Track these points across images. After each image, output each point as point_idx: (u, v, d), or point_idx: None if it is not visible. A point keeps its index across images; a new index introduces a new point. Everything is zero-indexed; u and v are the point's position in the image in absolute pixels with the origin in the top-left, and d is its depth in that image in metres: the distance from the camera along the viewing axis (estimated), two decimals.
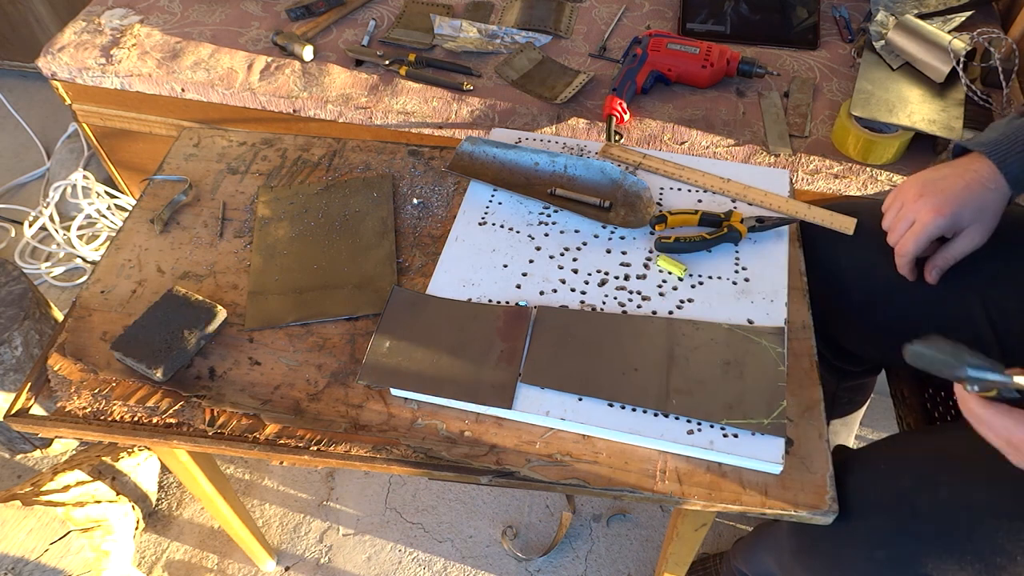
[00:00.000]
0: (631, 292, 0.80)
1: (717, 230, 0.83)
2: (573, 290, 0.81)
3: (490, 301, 0.80)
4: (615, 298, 0.80)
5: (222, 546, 1.30)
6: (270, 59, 1.30)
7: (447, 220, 0.90)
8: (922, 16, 1.23)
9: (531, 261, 0.84)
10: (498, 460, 0.70)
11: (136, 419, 0.74)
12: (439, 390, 0.72)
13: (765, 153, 1.13)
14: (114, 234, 0.98)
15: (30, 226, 1.73)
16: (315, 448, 0.71)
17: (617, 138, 1.14)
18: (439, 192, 0.94)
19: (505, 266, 0.84)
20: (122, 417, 0.74)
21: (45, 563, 1.06)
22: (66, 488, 1.16)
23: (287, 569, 1.27)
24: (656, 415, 0.70)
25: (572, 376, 0.73)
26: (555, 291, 0.81)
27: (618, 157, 0.95)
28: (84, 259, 1.70)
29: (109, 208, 1.70)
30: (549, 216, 0.89)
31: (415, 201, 0.93)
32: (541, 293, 0.81)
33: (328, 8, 1.38)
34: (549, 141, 0.98)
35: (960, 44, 1.12)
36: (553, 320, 0.77)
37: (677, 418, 0.70)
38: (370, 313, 0.81)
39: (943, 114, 1.10)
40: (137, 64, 1.31)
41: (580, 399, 0.71)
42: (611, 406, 0.71)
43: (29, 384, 0.77)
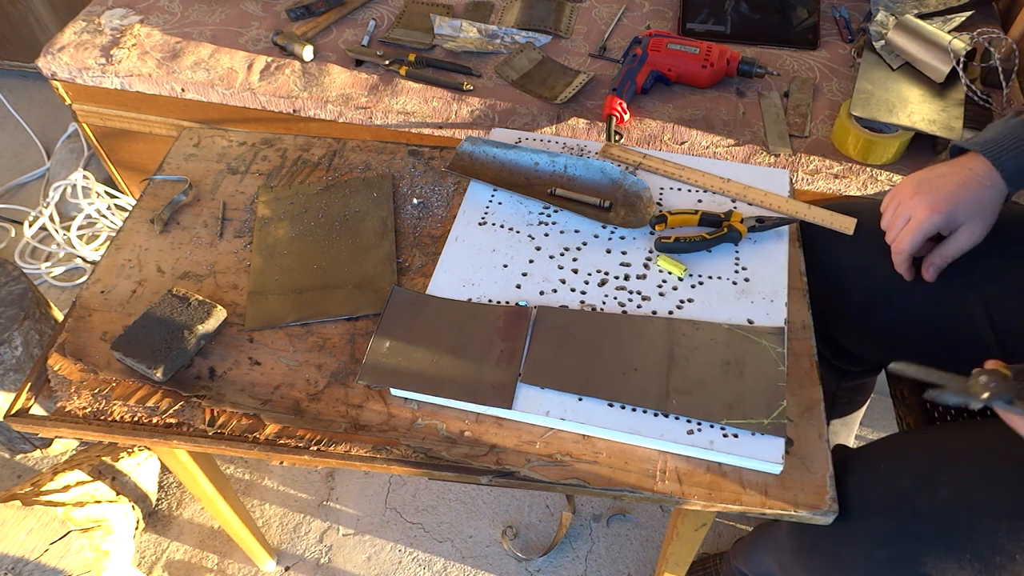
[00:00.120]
0: (631, 292, 0.80)
1: (717, 230, 0.83)
2: (573, 290, 0.81)
3: (490, 301, 0.80)
4: (615, 298, 0.80)
5: (222, 546, 1.30)
6: (270, 59, 1.30)
7: (447, 220, 0.90)
8: (922, 16, 1.23)
9: (531, 261, 0.84)
10: (498, 460, 0.70)
11: (136, 419, 0.74)
12: (439, 390, 0.72)
13: (765, 153, 1.13)
14: (114, 234, 0.98)
15: (30, 226, 1.73)
16: (315, 448, 0.71)
17: (617, 138, 1.14)
18: (439, 192, 0.94)
19: (505, 266, 0.84)
20: (122, 417, 0.74)
21: (45, 563, 1.06)
22: (66, 488, 1.16)
23: (287, 569, 1.27)
24: (656, 415, 0.70)
25: (572, 376, 0.73)
26: (555, 291, 0.81)
27: (618, 157, 0.95)
28: (84, 259, 1.70)
29: (109, 208, 1.70)
30: (549, 216, 0.89)
31: (415, 201, 0.93)
32: (541, 293, 0.81)
33: (328, 8, 1.38)
34: (549, 141, 0.98)
35: (960, 44, 1.12)
36: (553, 320, 0.77)
37: (677, 418, 0.70)
38: (370, 313, 0.81)
39: (943, 114, 1.10)
40: (137, 64, 1.31)
41: (580, 399, 0.71)
42: (611, 406, 0.71)
43: (29, 384, 0.77)
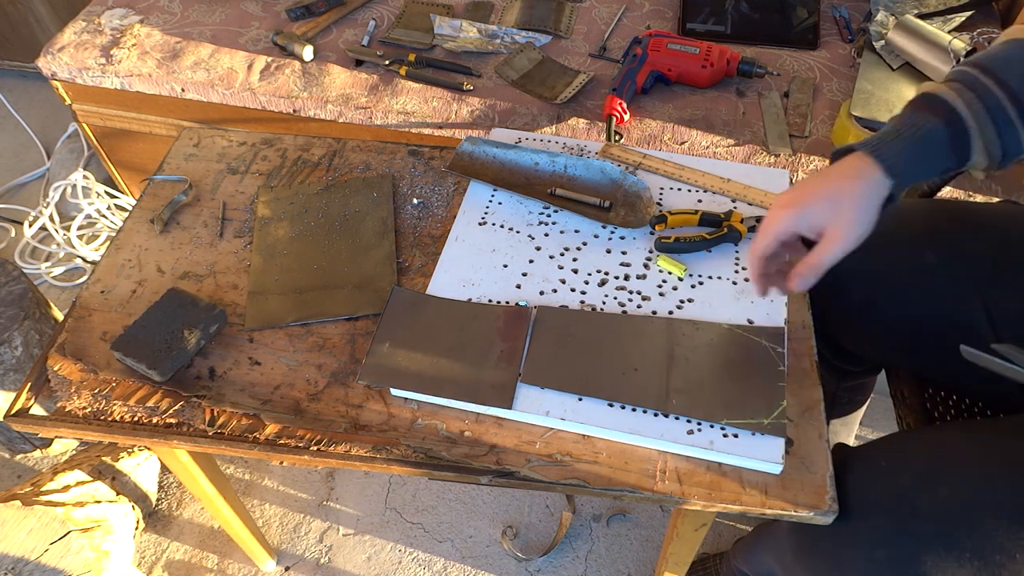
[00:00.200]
0: (631, 292, 0.80)
1: (717, 230, 0.83)
2: (573, 290, 0.81)
3: (490, 301, 0.80)
4: (615, 298, 0.80)
5: (222, 546, 1.30)
6: (270, 59, 1.30)
7: (447, 220, 0.90)
8: (922, 16, 1.23)
9: (531, 261, 0.84)
10: (498, 460, 0.70)
11: (136, 419, 0.74)
12: (439, 390, 0.72)
13: (765, 153, 1.13)
14: (114, 234, 0.98)
15: (30, 226, 1.73)
16: (315, 448, 0.71)
17: (617, 138, 1.14)
18: (439, 192, 0.94)
19: (505, 266, 0.84)
20: (122, 417, 0.74)
21: (45, 563, 1.06)
22: (66, 488, 1.16)
23: (287, 569, 1.27)
24: (656, 415, 0.70)
25: (572, 376, 0.73)
26: (555, 291, 0.81)
27: (618, 157, 0.95)
28: (84, 259, 1.70)
29: (109, 208, 1.70)
30: (549, 216, 0.89)
31: (415, 201, 0.93)
32: (541, 293, 0.81)
33: (328, 8, 1.38)
34: (549, 141, 0.98)
35: (960, 44, 1.12)
36: (553, 320, 0.77)
37: (677, 418, 0.70)
38: (370, 313, 0.81)
39: None
40: (137, 64, 1.31)
41: (580, 399, 0.71)
42: (611, 406, 0.71)
43: (29, 384, 0.77)
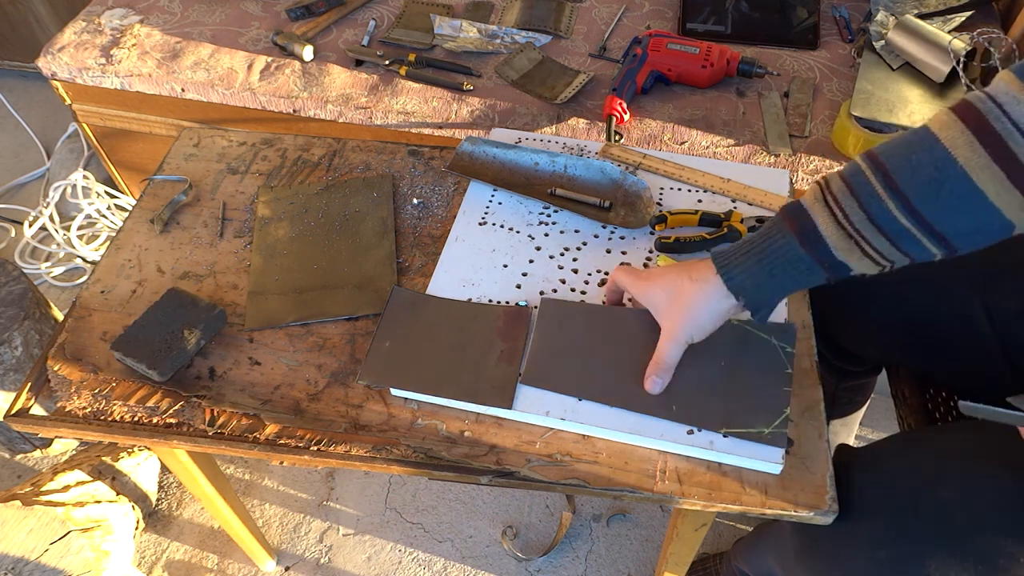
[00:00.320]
0: None
1: (717, 230, 0.83)
2: (573, 290, 0.81)
3: (490, 301, 0.80)
4: None
5: (222, 546, 1.30)
6: (270, 59, 1.30)
7: (447, 220, 0.90)
8: (922, 16, 1.23)
9: (531, 261, 0.84)
10: (498, 460, 0.70)
11: (136, 419, 0.74)
12: (439, 390, 0.72)
13: (765, 153, 1.13)
14: (114, 234, 0.98)
15: (30, 226, 1.73)
16: (315, 448, 0.71)
17: (617, 138, 1.14)
18: (439, 192, 0.94)
19: (505, 266, 0.83)
20: (122, 417, 0.74)
21: (45, 563, 1.05)
22: (66, 488, 1.16)
23: (287, 569, 1.27)
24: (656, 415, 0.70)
25: (572, 378, 0.72)
26: (555, 291, 0.81)
27: (618, 157, 0.95)
28: (84, 259, 1.70)
29: (109, 208, 1.70)
30: (549, 216, 0.89)
31: (415, 201, 0.93)
32: (541, 293, 0.81)
33: (328, 8, 1.38)
34: (549, 141, 0.98)
35: (960, 44, 1.12)
36: (555, 313, 0.77)
37: None
38: (370, 313, 0.81)
39: None
40: (137, 64, 1.31)
41: (580, 399, 0.71)
42: (611, 406, 0.71)
43: (29, 384, 0.77)
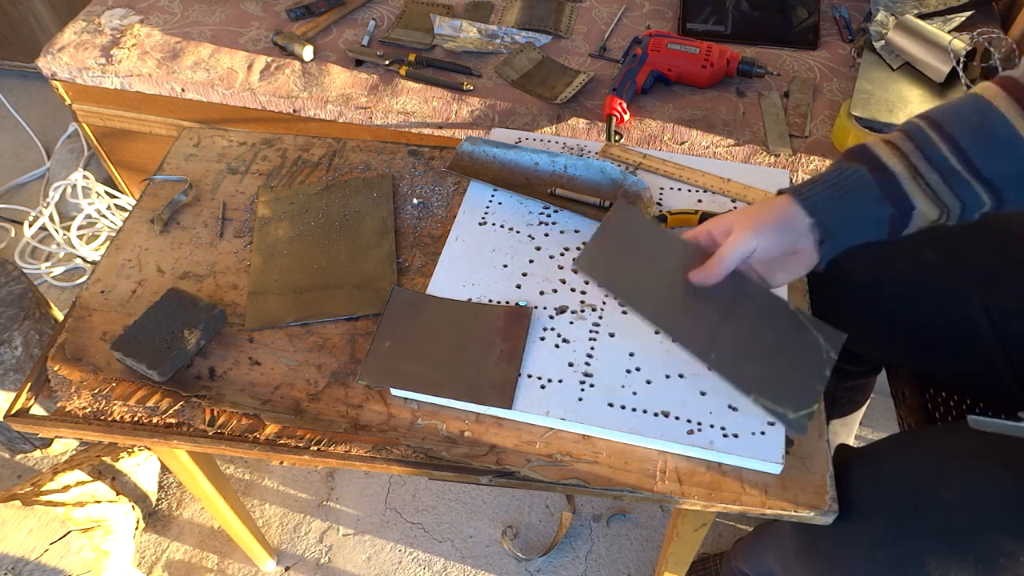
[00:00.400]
0: None
1: None
2: (573, 290, 0.81)
3: (490, 301, 0.80)
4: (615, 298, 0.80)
5: (222, 546, 1.30)
6: (270, 59, 1.30)
7: (447, 220, 0.90)
8: (922, 16, 1.23)
9: (531, 261, 0.84)
10: (498, 460, 0.70)
11: (136, 419, 0.74)
12: (439, 390, 0.72)
13: (765, 153, 1.13)
14: (114, 234, 0.98)
15: (30, 226, 1.73)
16: (315, 448, 0.71)
17: (617, 138, 1.14)
18: (439, 192, 0.94)
19: (505, 266, 0.83)
20: (122, 417, 0.74)
21: (45, 563, 1.05)
22: (66, 488, 1.16)
23: (287, 569, 1.27)
24: (656, 415, 0.70)
25: (625, 283, 0.71)
26: (555, 291, 0.81)
27: (618, 157, 0.95)
28: (84, 259, 1.70)
29: (109, 208, 1.70)
30: (549, 216, 0.89)
31: (415, 201, 0.93)
32: (541, 293, 0.81)
33: (328, 8, 1.38)
34: (549, 141, 0.98)
35: (960, 44, 1.12)
36: (627, 219, 0.75)
37: (677, 418, 0.70)
38: (370, 313, 0.81)
39: None
40: (137, 64, 1.31)
41: (580, 399, 0.71)
42: (611, 406, 0.71)
43: (29, 384, 0.77)
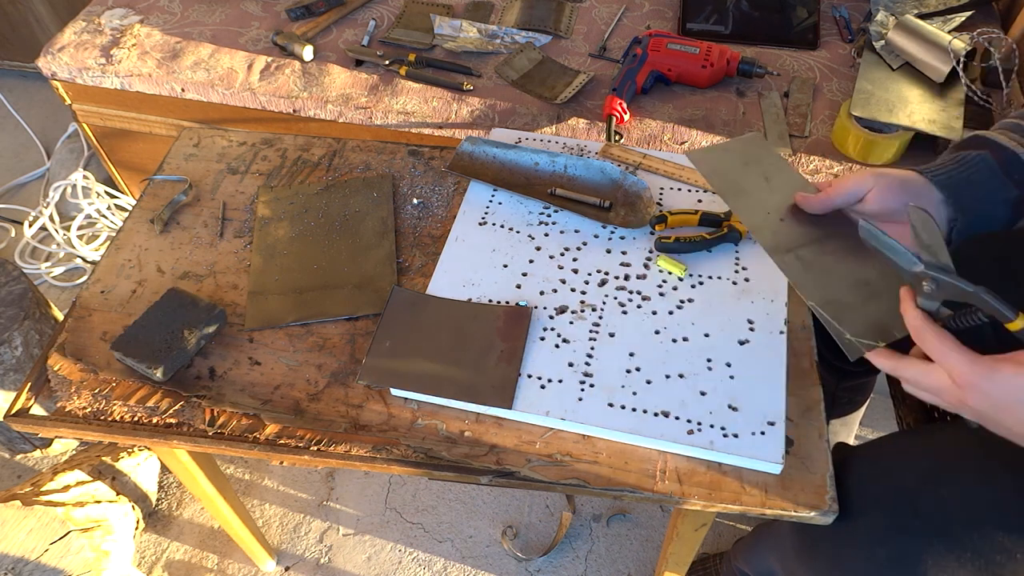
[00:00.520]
0: (631, 292, 0.80)
1: (717, 230, 0.83)
2: (573, 290, 0.81)
3: (490, 301, 0.80)
4: (615, 298, 0.80)
5: (222, 546, 1.30)
6: (270, 59, 1.30)
7: (447, 220, 0.90)
8: (922, 16, 1.23)
9: (531, 261, 0.84)
10: (498, 460, 0.70)
11: (136, 419, 0.74)
12: (439, 390, 0.72)
13: None
14: (114, 234, 0.98)
15: (30, 226, 1.73)
16: (315, 448, 0.71)
17: (617, 138, 1.14)
18: (439, 192, 0.94)
19: (505, 266, 0.84)
20: (122, 417, 0.74)
21: (45, 563, 1.06)
22: (66, 488, 1.16)
23: (287, 569, 1.27)
24: (656, 415, 0.70)
25: (731, 184, 0.74)
26: (555, 291, 0.81)
27: (618, 157, 0.95)
28: (84, 259, 1.70)
29: (109, 208, 1.70)
30: (549, 216, 0.89)
31: (415, 201, 0.93)
32: (541, 293, 0.81)
33: (328, 8, 1.38)
34: (549, 141, 0.98)
35: (960, 44, 1.12)
36: (754, 146, 0.78)
37: (677, 418, 0.70)
38: (370, 313, 0.81)
39: (943, 114, 1.10)
40: (137, 64, 1.31)
41: (580, 399, 0.71)
42: (611, 406, 0.71)
43: (29, 384, 0.77)
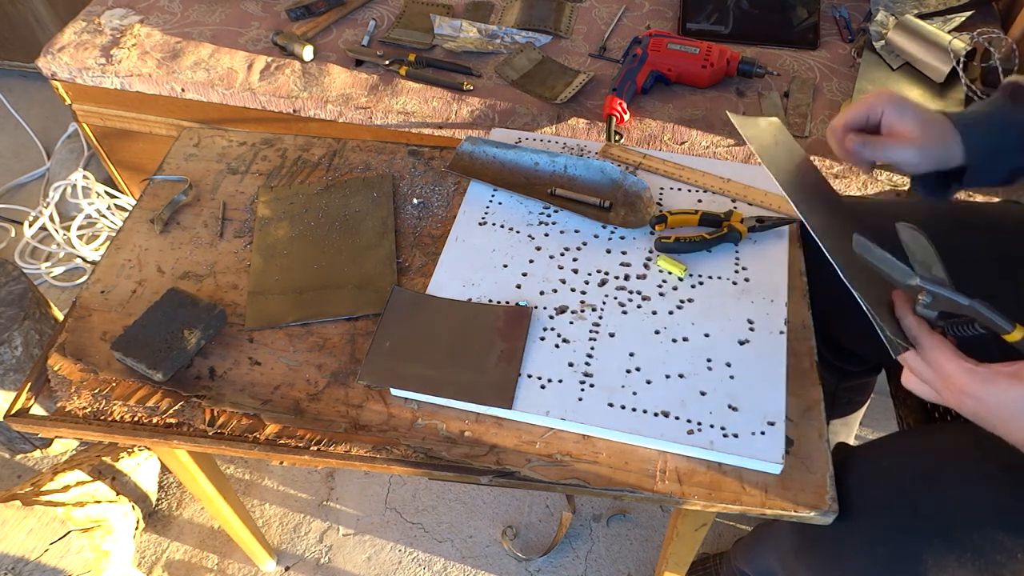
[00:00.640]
0: (631, 292, 0.80)
1: (717, 230, 0.83)
2: (573, 290, 0.81)
3: (490, 301, 0.80)
4: (615, 298, 0.80)
5: (222, 546, 1.30)
6: (270, 59, 1.30)
7: (447, 220, 0.90)
8: (922, 16, 1.23)
9: (531, 261, 0.84)
10: (498, 460, 0.70)
11: (136, 419, 0.74)
12: (439, 390, 0.72)
13: None
14: (114, 234, 0.98)
15: (30, 226, 1.73)
16: (315, 448, 0.71)
17: (617, 138, 1.14)
18: (439, 192, 0.94)
19: (505, 266, 0.83)
20: (122, 417, 0.74)
21: (45, 563, 1.06)
22: (66, 488, 1.16)
23: (287, 569, 1.27)
24: (656, 415, 0.70)
25: (787, 170, 0.74)
26: (555, 291, 0.81)
27: (618, 157, 0.95)
28: (84, 259, 1.70)
29: (109, 208, 1.70)
30: (549, 216, 0.89)
31: (415, 201, 0.93)
32: (541, 293, 0.81)
33: (328, 8, 1.38)
34: (549, 141, 0.98)
35: (960, 44, 1.12)
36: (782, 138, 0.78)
37: (677, 418, 0.70)
38: (370, 313, 0.81)
39: None
40: (137, 64, 1.31)
41: (580, 399, 0.71)
42: (611, 406, 0.71)
43: (29, 384, 0.77)
